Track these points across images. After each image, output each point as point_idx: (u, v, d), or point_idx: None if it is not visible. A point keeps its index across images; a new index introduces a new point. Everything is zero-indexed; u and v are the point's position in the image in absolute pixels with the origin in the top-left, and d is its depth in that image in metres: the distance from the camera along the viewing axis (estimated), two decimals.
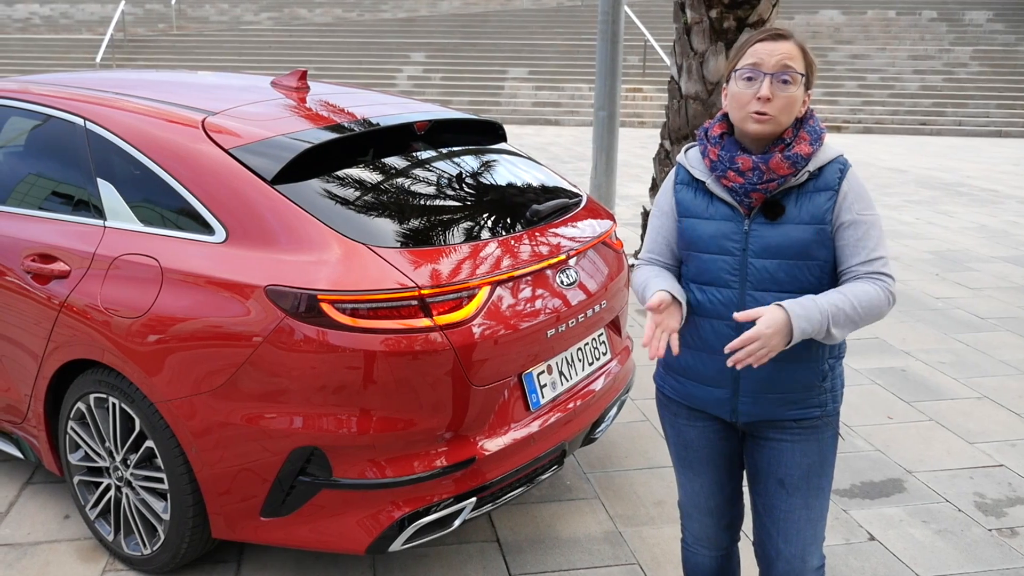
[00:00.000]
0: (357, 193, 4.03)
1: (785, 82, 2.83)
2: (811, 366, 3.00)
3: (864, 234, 2.90)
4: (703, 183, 3.03)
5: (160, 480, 4.06)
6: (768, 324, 2.72)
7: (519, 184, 4.73)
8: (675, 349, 2.84)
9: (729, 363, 2.76)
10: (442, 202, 4.25)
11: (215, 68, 29.37)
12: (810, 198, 2.91)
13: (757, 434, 3.13)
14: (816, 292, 2.92)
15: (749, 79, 2.85)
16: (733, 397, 3.04)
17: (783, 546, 3.15)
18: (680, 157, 3.17)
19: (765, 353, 2.72)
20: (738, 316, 2.75)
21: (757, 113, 2.84)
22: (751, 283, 2.93)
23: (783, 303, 2.77)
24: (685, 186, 3.09)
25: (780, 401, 3.01)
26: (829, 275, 2.95)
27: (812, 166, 2.91)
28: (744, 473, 3.33)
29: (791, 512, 3.12)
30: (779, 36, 2.88)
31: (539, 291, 4.13)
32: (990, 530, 4.80)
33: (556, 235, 4.41)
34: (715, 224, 2.98)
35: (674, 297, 2.95)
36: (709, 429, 3.21)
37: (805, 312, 2.76)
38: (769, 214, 2.92)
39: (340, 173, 4.10)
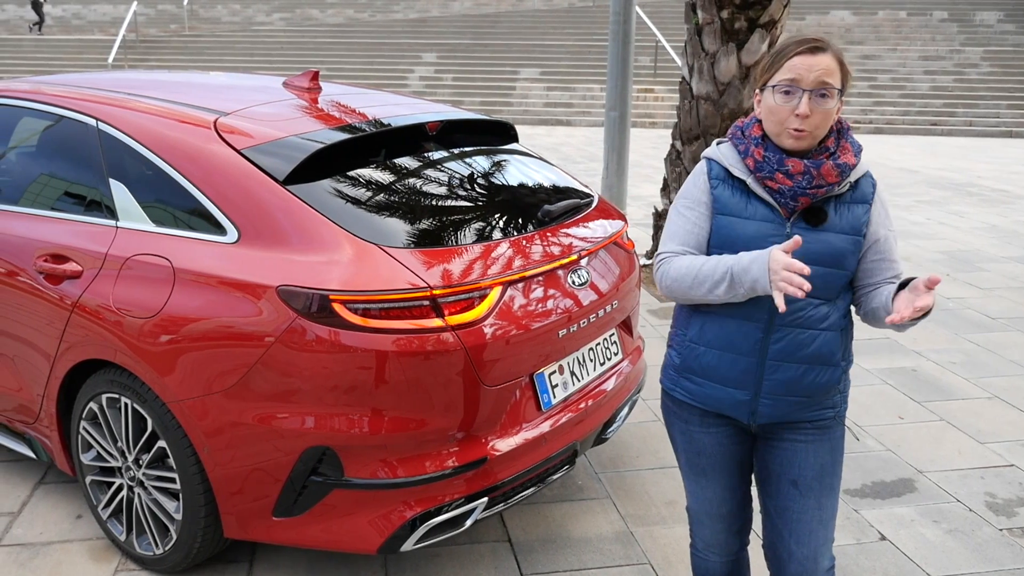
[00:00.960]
0: (369, 193, 4.03)
1: (823, 96, 2.82)
2: (831, 369, 3.01)
3: (891, 248, 2.98)
4: (741, 181, 3.00)
5: (172, 480, 4.07)
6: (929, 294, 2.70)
7: (531, 184, 4.73)
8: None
9: (890, 320, 2.74)
10: (454, 202, 4.25)
11: (227, 69, 29.44)
12: (849, 209, 2.92)
13: (771, 436, 3.13)
14: (839, 299, 2.97)
15: (787, 93, 2.83)
16: (754, 399, 3.04)
17: (795, 548, 3.15)
18: (712, 151, 3.10)
19: (928, 303, 2.66)
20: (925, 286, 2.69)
21: (795, 130, 2.84)
22: None
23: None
24: (722, 182, 3.03)
25: (799, 403, 3.02)
26: (848, 285, 2.98)
27: (852, 177, 2.93)
28: (753, 476, 3.33)
29: (804, 513, 3.12)
30: (817, 48, 2.84)
31: (551, 291, 4.13)
32: (1001, 530, 4.79)
33: (568, 235, 4.41)
34: (755, 225, 2.95)
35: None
36: (722, 434, 3.20)
37: None
38: (812, 220, 2.91)
39: (352, 173, 4.11)
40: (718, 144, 3.13)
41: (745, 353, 3.01)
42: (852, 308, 3.08)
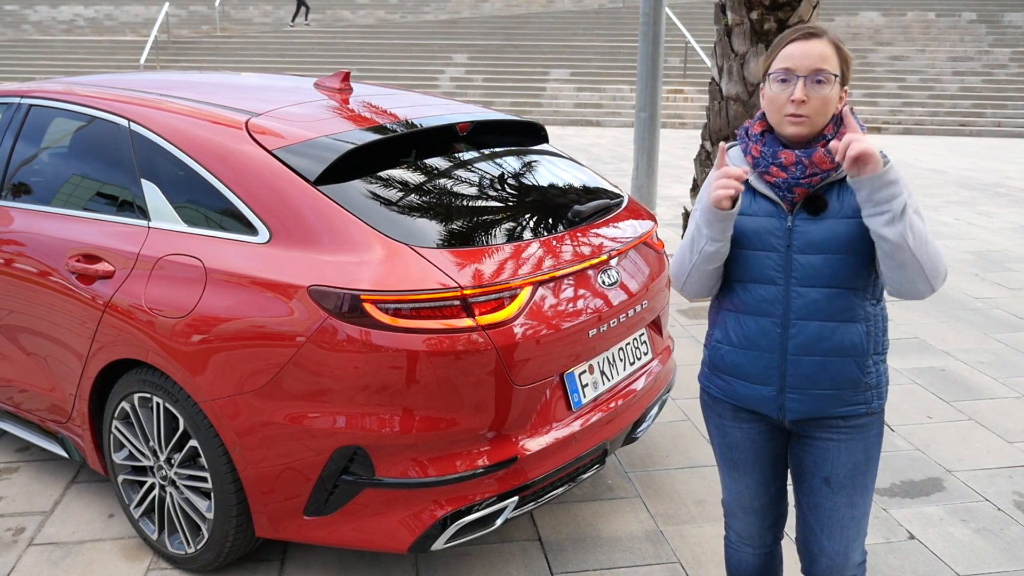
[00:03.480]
0: (399, 194, 4.04)
1: (819, 82, 2.83)
2: (856, 361, 2.98)
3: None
4: (745, 180, 3.03)
5: (204, 479, 4.09)
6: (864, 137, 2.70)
7: (561, 185, 4.73)
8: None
9: (834, 144, 2.72)
10: (484, 203, 4.25)
11: (258, 69, 29.52)
12: (851, 191, 2.90)
13: (804, 433, 3.13)
14: (860, 289, 2.94)
15: (783, 81, 2.86)
16: (780, 394, 3.04)
17: (827, 543, 3.15)
18: None
19: (864, 147, 2.65)
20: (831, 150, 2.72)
21: (792, 115, 2.85)
22: (796, 279, 2.93)
23: None
24: None
25: (826, 397, 3.00)
26: (872, 270, 2.94)
27: None
28: (788, 472, 3.33)
29: (836, 510, 3.12)
30: (811, 35, 2.87)
31: (581, 291, 4.12)
32: None
33: (598, 235, 4.40)
34: (758, 220, 2.98)
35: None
36: (755, 430, 3.21)
37: (906, 187, 2.78)
38: (812, 209, 2.91)
39: (383, 174, 4.12)
40: (730, 148, 3.15)
41: (766, 349, 3.03)
42: (885, 295, 3.06)
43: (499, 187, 4.40)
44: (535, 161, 4.84)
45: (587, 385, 4.19)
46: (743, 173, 2.82)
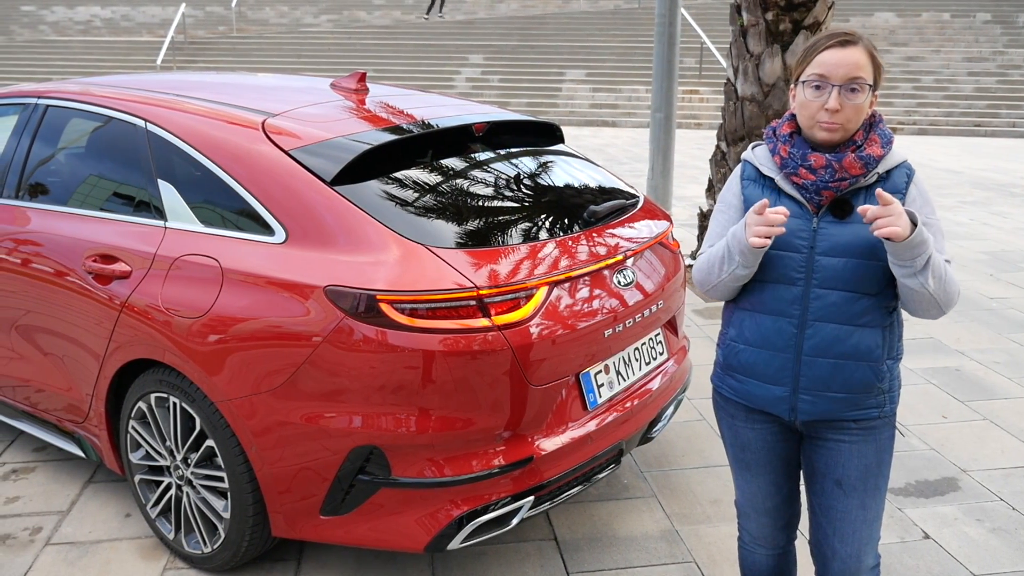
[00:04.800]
0: (415, 194, 4.04)
1: (853, 91, 2.83)
2: (870, 366, 2.98)
3: (933, 238, 2.90)
4: (771, 180, 3.04)
5: (220, 479, 4.10)
6: (898, 206, 2.68)
7: (576, 185, 4.73)
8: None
9: (866, 218, 2.70)
10: (500, 203, 4.26)
11: (275, 70, 29.57)
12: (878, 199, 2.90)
13: (815, 435, 3.13)
14: (879, 294, 2.94)
15: (817, 88, 2.86)
16: (792, 395, 3.04)
17: (839, 546, 3.16)
18: (747, 154, 3.18)
19: (892, 221, 2.66)
20: (880, 194, 2.69)
21: (826, 123, 2.85)
22: (816, 280, 2.93)
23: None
24: (752, 182, 3.10)
25: (839, 400, 3.00)
26: (889, 278, 2.94)
27: (881, 168, 2.92)
28: (801, 473, 3.33)
29: (848, 512, 3.12)
30: (847, 42, 2.86)
31: (596, 291, 4.12)
32: None
33: (613, 236, 4.40)
34: None
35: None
36: (767, 431, 3.21)
37: (931, 240, 2.78)
38: (838, 212, 2.92)
39: (399, 174, 4.12)
40: (754, 147, 3.16)
41: (780, 349, 3.03)
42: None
43: (515, 187, 4.41)
44: (551, 161, 4.84)
45: (603, 385, 4.19)
46: (784, 216, 2.82)
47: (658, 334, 4.64)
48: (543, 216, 4.27)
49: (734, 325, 3.18)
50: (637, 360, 4.43)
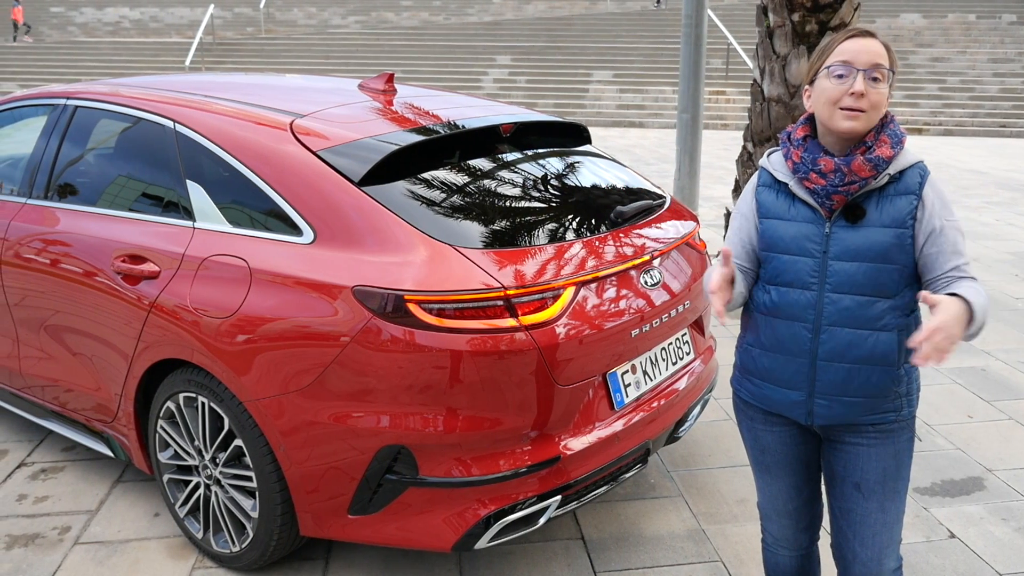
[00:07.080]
0: (443, 195, 4.05)
1: (876, 79, 2.82)
2: (887, 370, 2.96)
3: (954, 239, 2.89)
4: (785, 185, 3.04)
5: (249, 478, 4.12)
6: (947, 312, 2.54)
7: (603, 186, 4.73)
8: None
9: (914, 361, 2.54)
10: (527, 203, 4.26)
11: (303, 71, 29.69)
12: (891, 201, 2.89)
13: (834, 438, 3.13)
14: (894, 297, 2.92)
15: (840, 76, 2.84)
16: (808, 399, 3.03)
17: (859, 549, 3.15)
18: (763, 160, 3.18)
19: (949, 344, 2.51)
20: (926, 298, 2.57)
21: (850, 109, 2.83)
22: (830, 285, 2.92)
23: (958, 291, 2.70)
24: (767, 188, 3.11)
25: (855, 404, 2.99)
26: (907, 280, 2.92)
27: (892, 169, 2.89)
28: (821, 476, 3.33)
29: (867, 516, 3.11)
30: (867, 34, 2.87)
31: (623, 291, 4.12)
32: None
33: (640, 236, 4.40)
34: (796, 226, 2.99)
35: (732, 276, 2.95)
36: (785, 434, 3.21)
37: (979, 297, 2.69)
38: (850, 217, 2.91)
39: (426, 175, 4.13)
40: (770, 154, 3.16)
41: (795, 354, 3.03)
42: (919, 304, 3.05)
43: (542, 188, 4.41)
44: (578, 162, 4.84)
45: (630, 385, 4.19)
46: (720, 301, 2.83)
47: (685, 334, 4.63)
48: (570, 216, 4.27)
49: (751, 330, 3.18)
50: (664, 360, 4.43)
